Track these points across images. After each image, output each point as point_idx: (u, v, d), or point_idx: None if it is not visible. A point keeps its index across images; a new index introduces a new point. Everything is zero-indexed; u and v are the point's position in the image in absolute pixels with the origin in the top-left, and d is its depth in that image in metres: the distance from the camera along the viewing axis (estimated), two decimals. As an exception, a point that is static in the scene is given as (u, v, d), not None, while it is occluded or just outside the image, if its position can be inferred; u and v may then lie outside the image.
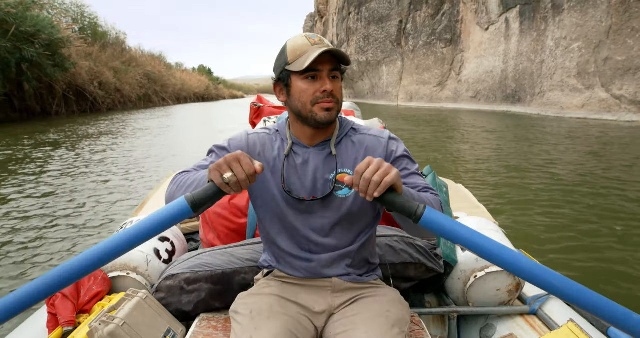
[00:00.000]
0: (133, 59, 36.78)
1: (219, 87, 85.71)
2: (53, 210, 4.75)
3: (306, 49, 0.99)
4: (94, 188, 5.81)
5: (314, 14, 70.79)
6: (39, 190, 5.69)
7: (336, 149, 1.08)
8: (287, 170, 1.07)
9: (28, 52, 16.45)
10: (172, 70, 52.54)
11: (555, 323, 1.38)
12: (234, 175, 0.81)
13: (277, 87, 1.09)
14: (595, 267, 3.21)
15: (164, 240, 1.67)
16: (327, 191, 1.06)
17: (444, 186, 2.06)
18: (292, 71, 1.00)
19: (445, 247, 1.59)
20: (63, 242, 3.78)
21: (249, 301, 1.07)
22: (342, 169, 1.06)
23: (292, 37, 1.05)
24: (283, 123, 1.14)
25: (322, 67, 0.99)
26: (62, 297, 1.32)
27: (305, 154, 1.08)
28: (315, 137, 1.08)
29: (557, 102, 18.68)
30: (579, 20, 17.36)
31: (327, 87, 0.99)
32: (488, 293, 1.51)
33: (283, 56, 1.03)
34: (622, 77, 15.46)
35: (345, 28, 44.23)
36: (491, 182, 6.13)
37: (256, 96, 2.84)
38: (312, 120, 1.02)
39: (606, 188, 5.60)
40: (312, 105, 1.01)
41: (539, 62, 20.23)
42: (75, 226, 4.24)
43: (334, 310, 1.10)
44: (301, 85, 1.01)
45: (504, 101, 23.68)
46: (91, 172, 6.96)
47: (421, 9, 32.83)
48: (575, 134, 11.76)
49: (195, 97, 56.72)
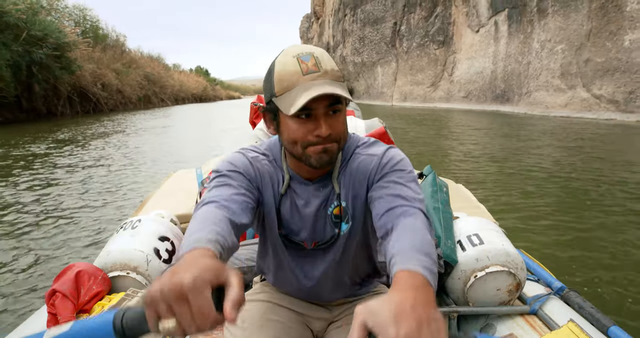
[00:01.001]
0: (133, 60, 37.57)
1: (216, 88, 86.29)
2: (56, 205, 4.96)
3: (296, 79, 0.79)
4: (107, 182, 6.14)
5: (310, 15, 71.46)
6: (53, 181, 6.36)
7: (338, 182, 0.93)
8: (283, 210, 0.94)
9: (37, 54, 17.22)
10: (170, 72, 53.23)
11: (556, 323, 1.37)
12: (176, 326, 0.50)
13: (266, 116, 0.90)
14: (596, 266, 3.22)
15: (164, 239, 1.67)
16: (330, 233, 0.95)
17: (444, 186, 2.05)
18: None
19: (445, 246, 1.59)
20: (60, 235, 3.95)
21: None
22: (341, 201, 0.93)
23: (282, 55, 0.84)
24: (276, 148, 0.97)
25: (316, 105, 0.79)
26: (62, 296, 1.31)
27: (305, 193, 0.93)
28: (314, 171, 0.92)
29: (542, 102, 19.59)
30: (562, 23, 18.27)
31: (321, 131, 0.81)
32: (488, 293, 1.52)
33: (269, 83, 0.84)
34: (601, 78, 16.37)
35: (341, 29, 45.08)
36: (485, 179, 6.26)
37: (256, 96, 2.90)
38: (306, 162, 0.86)
39: (604, 185, 5.70)
40: (303, 149, 0.84)
41: (526, 63, 21.14)
42: (83, 218, 4.43)
43: (333, 318, 1.07)
44: (291, 125, 0.83)
45: (494, 101, 24.56)
46: (110, 166, 7.50)
47: (415, 11, 33.70)
48: (566, 133, 12.37)
49: (193, 97, 57.33)
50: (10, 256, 3.48)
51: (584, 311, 1.41)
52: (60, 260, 3.39)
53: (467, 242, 1.59)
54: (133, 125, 16.95)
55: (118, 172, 7.07)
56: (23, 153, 9.03)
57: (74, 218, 4.47)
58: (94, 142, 11.21)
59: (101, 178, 6.54)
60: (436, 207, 1.80)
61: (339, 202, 0.92)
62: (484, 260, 1.50)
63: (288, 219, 0.94)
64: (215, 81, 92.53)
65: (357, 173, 0.92)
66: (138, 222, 1.74)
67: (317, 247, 0.96)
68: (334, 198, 0.93)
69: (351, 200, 0.93)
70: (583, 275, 3.06)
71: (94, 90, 25.30)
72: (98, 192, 5.64)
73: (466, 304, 1.54)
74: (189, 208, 2.19)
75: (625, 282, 2.93)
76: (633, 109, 15.01)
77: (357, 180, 0.92)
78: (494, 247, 1.52)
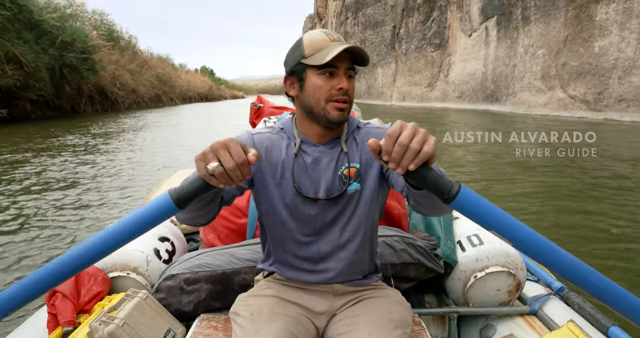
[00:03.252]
0: (145, 61, 39.58)
1: (221, 88, 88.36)
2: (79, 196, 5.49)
3: (325, 44, 0.96)
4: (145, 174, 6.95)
5: (314, 15, 72.82)
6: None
7: (346, 145, 1.05)
8: (297, 169, 1.03)
9: (68, 58, 19.22)
10: (177, 72, 55.29)
11: (555, 323, 1.38)
12: (219, 165, 0.69)
13: (288, 81, 1.04)
14: (597, 266, 3.87)
15: (164, 240, 1.67)
16: (339, 188, 1.03)
17: None
18: (308, 65, 0.97)
19: (445, 247, 1.59)
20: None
21: (250, 302, 1.07)
22: (351, 163, 1.03)
23: (309, 32, 1.01)
24: (288, 121, 1.11)
25: (340, 64, 0.96)
26: (62, 297, 1.31)
27: (315, 152, 1.04)
28: (324, 135, 1.04)
29: (526, 101, 21.41)
30: (542, 30, 20.08)
31: (343, 84, 0.97)
32: (488, 293, 1.52)
33: (299, 49, 0.99)
34: (575, 80, 18.18)
35: (343, 32, 46.77)
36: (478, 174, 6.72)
37: (256, 96, 2.89)
38: (323, 118, 0.99)
39: (603, 186, 5.91)
40: (325, 103, 0.98)
41: (512, 66, 22.94)
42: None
43: (335, 311, 1.10)
44: (317, 81, 0.97)
45: (484, 100, 26.35)
46: (139, 160, 8.43)
47: (413, 16, 35.32)
48: (552, 129, 12.26)
49: (199, 97, 59.20)
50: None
51: (584, 311, 1.42)
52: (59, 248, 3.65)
53: (467, 242, 1.60)
54: (158, 120, 18.94)
55: (178, 154, 8.88)
56: (79, 142, 10.96)
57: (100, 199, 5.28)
58: (140, 133, 13.14)
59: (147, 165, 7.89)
60: None
61: (349, 163, 1.03)
62: (484, 261, 1.51)
63: (301, 176, 1.02)
64: (220, 81, 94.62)
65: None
66: None
67: (328, 199, 1.02)
68: (344, 160, 1.03)
69: (364, 165, 1.04)
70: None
71: (113, 89, 27.31)
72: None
73: (466, 304, 1.55)
74: None
75: (626, 282, 2.89)
76: (601, 108, 16.81)
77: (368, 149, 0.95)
78: (493, 248, 1.53)
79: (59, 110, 22.20)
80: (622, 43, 15.93)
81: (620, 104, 15.89)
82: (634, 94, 15.37)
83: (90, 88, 24.40)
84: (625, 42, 15.85)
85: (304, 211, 1.04)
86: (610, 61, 16.42)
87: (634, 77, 15.35)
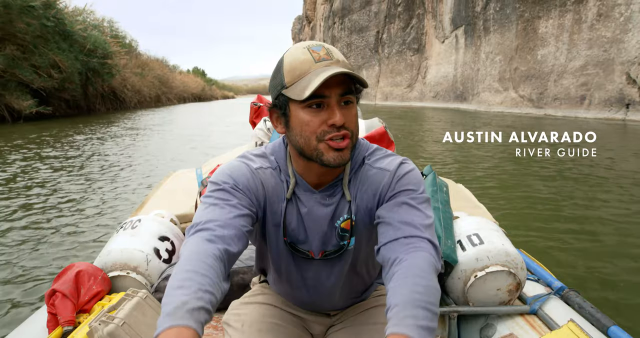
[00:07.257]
0: (145, 63, 42.22)
1: (213, 88, 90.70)
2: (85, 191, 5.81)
3: (308, 67, 0.76)
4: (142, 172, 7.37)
5: (302, 17, 74.31)
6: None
7: (349, 190, 0.89)
8: (289, 217, 0.89)
9: (92, 63, 22.28)
10: (174, 74, 57.75)
11: (556, 323, 1.37)
12: None
13: (273, 115, 0.85)
14: (597, 265, 3.20)
15: (164, 239, 1.67)
16: (336, 243, 0.91)
17: (444, 186, 2.03)
18: (290, 98, 0.78)
19: (445, 246, 1.58)
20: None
21: (241, 312, 1.01)
22: (350, 214, 0.89)
23: (291, 49, 0.81)
24: (282, 153, 0.91)
25: (329, 92, 0.76)
26: (62, 296, 1.31)
27: (310, 201, 0.89)
28: (324, 173, 0.87)
29: (486, 100, 24.98)
30: (499, 39, 23.65)
31: (336, 119, 0.76)
32: (488, 293, 1.51)
33: (279, 75, 0.79)
34: (524, 82, 21.77)
35: (330, 36, 49.68)
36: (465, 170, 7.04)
37: (256, 96, 2.85)
38: (317, 160, 0.80)
39: (603, 183, 6.09)
40: (317, 142, 0.79)
41: (476, 70, 26.49)
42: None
43: (333, 322, 1.06)
44: (303, 116, 0.78)
45: (455, 100, 29.86)
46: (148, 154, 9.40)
47: (394, 22, 38.38)
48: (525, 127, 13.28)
49: (193, 97, 61.31)
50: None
51: (584, 311, 1.42)
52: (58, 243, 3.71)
53: (467, 241, 1.59)
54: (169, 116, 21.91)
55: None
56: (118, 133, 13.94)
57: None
58: (151, 128, 16.00)
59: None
60: (436, 206, 1.78)
61: (349, 214, 0.87)
62: (484, 260, 1.50)
63: (294, 227, 0.89)
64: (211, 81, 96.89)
65: (368, 187, 0.87)
66: (138, 221, 1.74)
67: (324, 257, 0.91)
68: (345, 210, 0.88)
69: (361, 214, 0.88)
70: (583, 274, 3.02)
71: (123, 90, 30.17)
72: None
73: (466, 304, 1.54)
74: (189, 208, 2.17)
75: (626, 282, 2.89)
76: (542, 105, 20.40)
77: (367, 194, 0.87)
78: (494, 247, 1.53)
79: (77, 109, 24.69)
80: (557, 52, 19.50)
81: (555, 102, 19.48)
82: (564, 93, 18.96)
83: (105, 89, 27.30)
84: (559, 51, 19.43)
85: (297, 263, 0.95)
86: (548, 67, 19.97)
87: (564, 80, 18.95)
